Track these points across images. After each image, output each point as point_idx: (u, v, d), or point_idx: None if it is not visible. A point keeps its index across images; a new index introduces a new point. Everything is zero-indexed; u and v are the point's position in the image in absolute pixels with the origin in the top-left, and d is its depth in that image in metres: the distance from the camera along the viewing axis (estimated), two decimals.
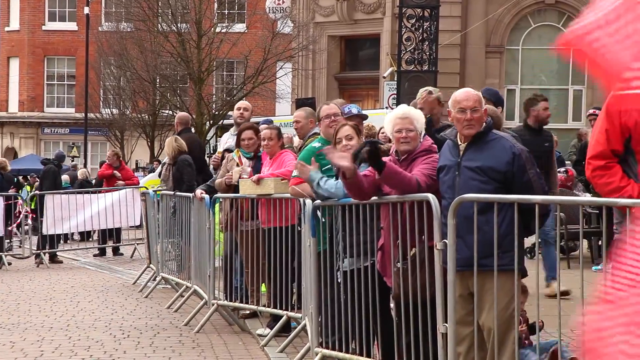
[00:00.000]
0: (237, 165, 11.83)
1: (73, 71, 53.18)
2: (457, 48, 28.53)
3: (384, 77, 28.67)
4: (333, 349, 8.42)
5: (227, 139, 13.95)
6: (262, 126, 12.08)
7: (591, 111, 17.57)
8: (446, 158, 7.40)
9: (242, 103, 14.22)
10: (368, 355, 8.01)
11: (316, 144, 9.83)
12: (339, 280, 8.55)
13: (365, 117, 10.79)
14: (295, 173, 9.75)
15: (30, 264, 21.09)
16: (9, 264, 20.75)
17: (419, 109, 8.61)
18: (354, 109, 10.65)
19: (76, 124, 50.08)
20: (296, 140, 11.84)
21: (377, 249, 7.89)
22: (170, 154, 14.93)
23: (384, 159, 7.76)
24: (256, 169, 11.55)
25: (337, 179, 8.50)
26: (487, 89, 10.93)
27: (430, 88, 10.39)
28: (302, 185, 9.62)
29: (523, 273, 7.16)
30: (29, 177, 35.97)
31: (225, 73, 44.33)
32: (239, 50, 38.32)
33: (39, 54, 53.55)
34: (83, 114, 45.41)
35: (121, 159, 25.02)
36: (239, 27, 41.53)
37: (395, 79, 27.52)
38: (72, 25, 52.53)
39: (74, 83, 52.84)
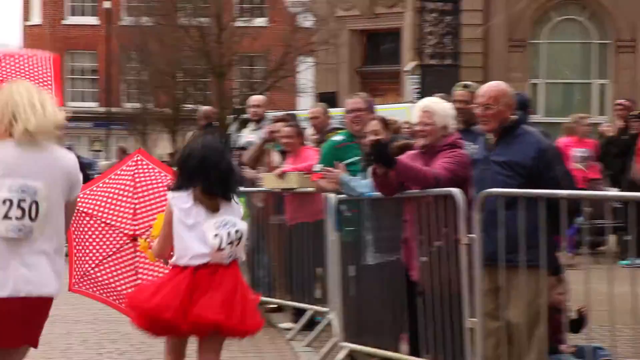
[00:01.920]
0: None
1: (95, 65, 53.34)
2: (480, 42, 28.43)
3: (406, 72, 28.63)
4: (359, 343, 8.44)
5: (247, 135, 14.00)
6: (278, 124, 12.11)
7: (620, 101, 17.49)
8: (478, 152, 7.43)
9: (255, 99, 14.20)
10: (395, 350, 8.03)
11: (337, 138, 9.85)
12: (352, 274, 8.56)
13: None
14: (317, 168, 9.78)
15: None
16: None
17: (453, 102, 8.58)
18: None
19: (98, 118, 50.27)
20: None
21: (401, 242, 7.91)
22: None
23: (408, 153, 7.80)
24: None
25: (363, 170, 8.53)
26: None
27: (466, 82, 10.36)
28: (325, 179, 9.63)
29: (556, 270, 7.15)
30: None
31: (246, 67, 44.37)
32: (260, 45, 38.33)
33: (60, 48, 53.66)
34: (105, 108, 45.56)
35: (127, 153, 25.04)
36: (260, 21, 41.56)
37: (418, 73, 27.48)
38: (93, 20, 52.66)
39: (96, 77, 53.01)
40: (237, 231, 6.41)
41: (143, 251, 7.33)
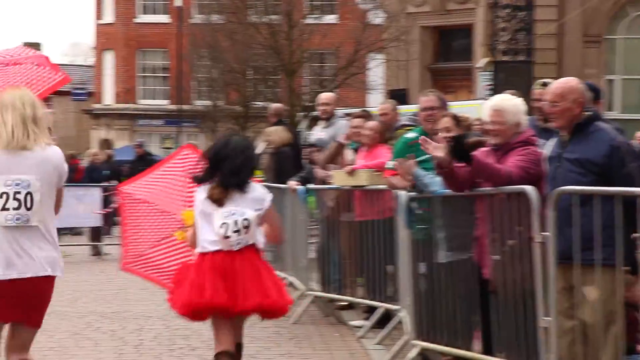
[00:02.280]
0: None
1: (166, 63, 53.73)
2: (554, 38, 28.09)
3: (479, 68, 28.44)
4: (431, 341, 8.38)
5: (317, 133, 14.02)
6: (356, 120, 12.05)
7: None
8: (552, 149, 7.35)
9: (323, 97, 14.16)
10: (467, 349, 7.96)
11: (410, 135, 9.80)
12: (421, 271, 8.51)
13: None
14: (389, 165, 9.74)
15: None
16: (107, 254, 21.07)
17: (531, 100, 8.49)
18: None
19: (170, 115, 50.63)
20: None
21: (473, 240, 7.84)
22: (278, 143, 15.00)
23: (480, 149, 7.73)
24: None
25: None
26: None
27: (545, 80, 10.21)
28: (397, 176, 9.59)
29: (633, 268, 7.03)
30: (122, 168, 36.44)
31: (316, 64, 44.39)
32: (330, 42, 38.33)
33: (132, 46, 54.21)
34: (176, 106, 45.87)
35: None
36: (330, 18, 41.57)
37: (490, 70, 27.27)
38: (164, 18, 53.03)
39: (167, 75, 53.40)
40: (244, 219, 6.96)
41: (182, 241, 7.89)
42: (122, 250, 8.59)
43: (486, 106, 7.85)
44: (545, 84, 9.21)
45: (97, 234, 21.60)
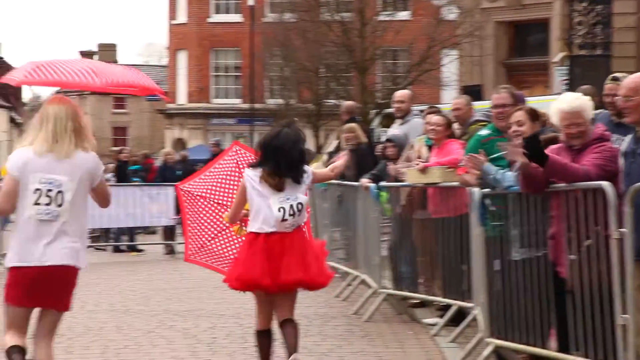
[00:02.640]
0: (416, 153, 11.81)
1: (239, 62, 53.97)
2: (633, 31, 27.59)
3: (555, 63, 28.09)
4: (506, 339, 8.26)
5: (393, 130, 13.94)
6: (429, 116, 11.95)
7: None
8: (627, 145, 7.19)
9: (398, 95, 14.06)
10: (543, 347, 7.83)
11: (483, 132, 9.68)
12: (496, 269, 8.40)
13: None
14: (463, 162, 9.63)
15: None
16: (180, 252, 21.19)
17: (604, 95, 8.33)
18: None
19: (243, 114, 50.84)
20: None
21: (548, 238, 7.71)
22: (355, 140, 14.98)
23: (552, 147, 7.59)
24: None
25: (509, 167, 8.35)
26: None
27: (616, 74, 10.01)
28: (470, 173, 9.48)
29: None
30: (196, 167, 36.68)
31: (389, 61, 44.26)
32: (403, 38, 38.17)
33: (205, 46, 54.54)
34: (249, 105, 46.04)
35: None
36: (403, 15, 41.40)
37: (567, 64, 26.91)
38: (237, 17, 53.24)
39: (240, 74, 53.62)
40: (299, 203, 7.80)
41: (238, 235, 8.75)
42: (185, 243, 9.33)
43: (558, 109, 7.66)
44: (616, 79, 9.05)
45: (170, 232, 21.75)
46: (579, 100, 7.68)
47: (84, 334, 10.99)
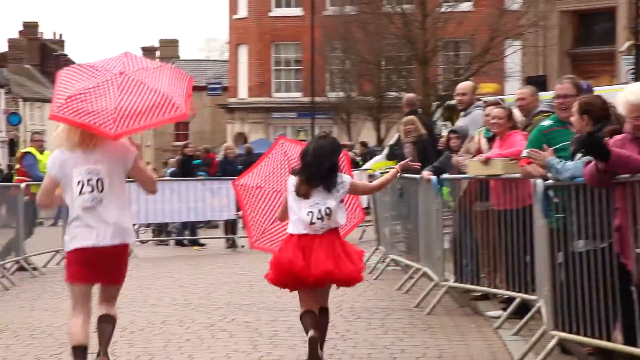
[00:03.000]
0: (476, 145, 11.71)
1: (299, 56, 54.01)
2: None
3: (621, 52, 27.68)
4: (570, 332, 8.14)
5: (458, 123, 13.86)
6: (488, 108, 11.81)
7: None
8: None
9: (459, 87, 13.97)
10: (608, 339, 7.70)
11: (546, 123, 9.56)
12: (559, 261, 8.28)
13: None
14: (524, 154, 9.51)
15: None
16: (242, 246, 21.24)
17: None
18: (583, 84, 10.29)
19: (303, 108, 50.86)
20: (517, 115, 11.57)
21: (613, 230, 7.57)
22: (415, 132, 14.92)
23: (616, 137, 7.46)
24: None
25: (572, 159, 8.23)
26: None
27: None
28: (532, 165, 9.36)
29: None
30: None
31: (451, 53, 44.01)
32: (465, 30, 37.92)
33: (266, 40, 54.65)
34: (310, 98, 46.06)
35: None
36: (465, 6, 41.10)
37: (633, 53, 26.51)
38: (297, 11, 53.27)
39: (301, 68, 53.66)
40: (327, 209, 8.43)
41: None
42: (247, 233, 9.96)
43: (626, 100, 7.50)
44: None
45: (232, 226, 21.81)
46: None
47: (146, 327, 11.04)
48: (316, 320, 8.50)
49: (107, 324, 7.82)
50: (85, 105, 7.60)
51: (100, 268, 7.73)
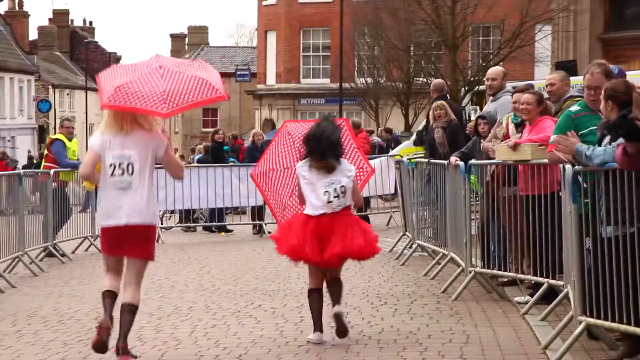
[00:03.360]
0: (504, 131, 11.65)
1: (328, 42, 53.91)
2: None
3: None
4: (598, 317, 8.07)
5: (486, 108, 13.77)
6: (517, 94, 11.71)
7: None
8: None
9: (489, 72, 13.90)
10: (637, 325, 7.62)
11: (574, 108, 9.46)
12: (587, 247, 8.21)
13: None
14: (553, 139, 9.42)
15: None
16: (269, 232, 21.24)
17: None
18: (615, 69, 10.16)
19: (331, 94, 50.79)
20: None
21: None
22: (445, 117, 14.87)
23: None
24: None
25: (599, 144, 8.15)
26: None
27: None
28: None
29: None
30: None
31: (480, 38, 43.79)
32: (495, 15, 37.69)
33: (295, 26, 54.60)
34: (338, 84, 45.96)
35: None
36: None
37: None
38: None
39: (329, 54, 53.57)
40: (342, 187, 9.10)
41: None
42: (272, 214, 10.62)
43: None
44: None
45: (259, 212, 21.80)
46: None
47: (174, 313, 11.05)
48: (321, 302, 9.26)
49: (129, 312, 8.42)
50: (135, 91, 8.32)
51: (127, 244, 8.54)
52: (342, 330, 9.11)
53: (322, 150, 9.13)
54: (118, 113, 8.50)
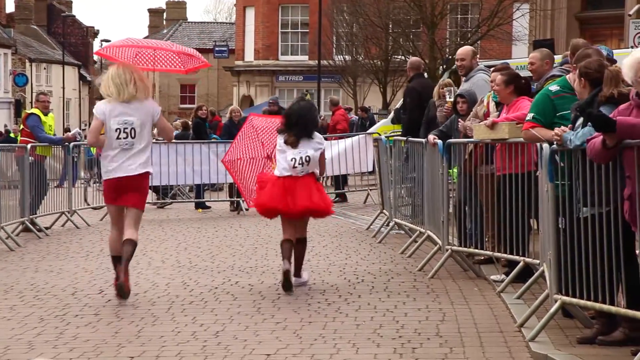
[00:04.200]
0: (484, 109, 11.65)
1: (306, 19, 53.79)
2: None
3: (630, 15, 27.46)
4: (573, 296, 8.13)
5: (461, 88, 13.74)
6: (493, 74, 11.71)
7: None
8: None
9: (459, 52, 13.79)
10: (611, 303, 7.69)
11: (553, 87, 9.47)
12: (561, 226, 8.25)
13: (613, 61, 10.21)
14: (528, 117, 9.46)
15: None
16: (247, 209, 21.23)
17: None
18: (603, 50, 10.12)
19: (309, 71, 50.73)
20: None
21: (624, 199, 7.51)
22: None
23: (621, 107, 7.42)
24: None
25: (573, 124, 8.19)
26: None
27: None
28: (537, 129, 9.31)
29: None
30: None
31: (459, 16, 43.77)
32: None
33: (273, 2, 54.42)
34: (316, 62, 45.90)
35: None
36: None
37: None
38: None
39: (307, 31, 53.45)
40: (307, 157, 11.01)
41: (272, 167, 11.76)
42: (243, 197, 13.82)
43: (633, 61, 7.43)
44: None
45: (237, 189, 21.74)
46: None
47: (151, 289, 11.06)
48: (292, 249, 11.02)
49: (129, 246, 10.42)
50: (151, 56, 11.53)
51: (126, 192, 10.52)
52: (287, 286, 10.73)
53: (297, 127, 11.05)
54: (122, 82, 10.44)
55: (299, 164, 10.97)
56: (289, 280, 10.66)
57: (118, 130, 10.46)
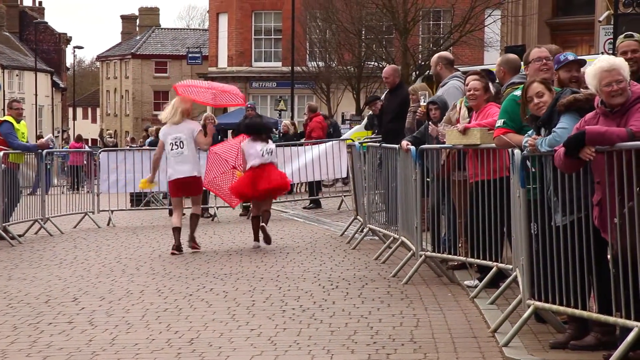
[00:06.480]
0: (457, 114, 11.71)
1: (279, 25, 53.82)
2: None
3: (600, 22, 27.64)
4: (546, 301, 8.18)
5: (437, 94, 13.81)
6: (468, 78, 11.79)
7: None
8: None
9: (433, 59, 13.87)
10: (583, 308, 7.75)
11: (518, 93, 9.54)
12: (533, 232, 8.30)
13: (583, 62, 10.29)
14: (499, 124, 9.52)
15: (237, 216, 21.54)
16: (215, 215, 21.21)
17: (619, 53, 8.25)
18: (570, 55, 10.21)
19: (283, 77, 50.75)
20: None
21: (594, 204, 7.57)
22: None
23: (588, 115, 7.50)
24: None
25: (537, 133, 8.27)
26: None
27: (628, 32, 9.82)
28: (509, 134, 9.38)
29: None
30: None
31: (431, 22, 43.91)
32: None
33: (246, 9, 54.44)
34: (290, 68, 45.96)
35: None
36: None
37: (612, 23, 26.46)
38: None
39: (281, 37, 53.49)
40: (269, 149, 15.34)
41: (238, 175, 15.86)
42: (226, 201, 17.22)
43: (596, 69, 7.50)
44: (628, 36, 8.95)
45: (206, 197, 21.71)
46: (617, 60, 7.57)
47: (125, 297, 11.04)
48: (259, 224, 15.27)
49: (195, 218, 15.18)
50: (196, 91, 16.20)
51: (185, 188, 15.16)
52: (266, 238, 15.18)
53: (259, 131, 15.52)
54: (175, 109, 15.04)
55: (267, 153, 15.28)
56: (257, 234, 15.41)
57: (171, 144, 14.99)
